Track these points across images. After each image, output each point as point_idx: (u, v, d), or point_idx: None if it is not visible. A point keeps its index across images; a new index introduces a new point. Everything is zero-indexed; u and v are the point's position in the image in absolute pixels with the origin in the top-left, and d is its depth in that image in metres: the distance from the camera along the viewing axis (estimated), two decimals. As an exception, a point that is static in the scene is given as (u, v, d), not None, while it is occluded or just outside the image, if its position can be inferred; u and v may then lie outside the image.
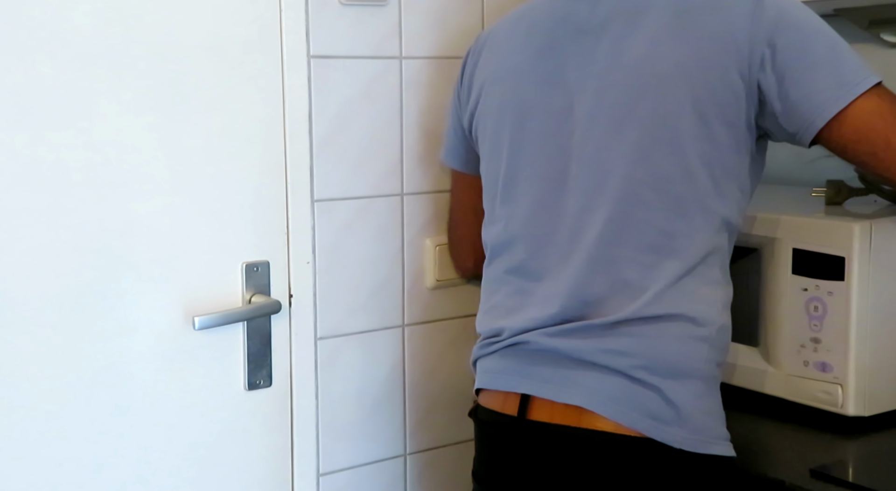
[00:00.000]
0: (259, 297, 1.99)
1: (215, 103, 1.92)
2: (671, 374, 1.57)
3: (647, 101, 1.60)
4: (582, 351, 1.61)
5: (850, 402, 1.76)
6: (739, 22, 1.55)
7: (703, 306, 1.59)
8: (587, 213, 1.64)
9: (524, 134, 1.75)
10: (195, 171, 1.91)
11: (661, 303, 1.57)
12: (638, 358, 1.57)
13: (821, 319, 1.78)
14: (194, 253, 1.93)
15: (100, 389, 1.85)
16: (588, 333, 1.61)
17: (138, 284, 1.87)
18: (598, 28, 1.68)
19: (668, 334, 1.58)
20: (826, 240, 1.77)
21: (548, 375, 1.63)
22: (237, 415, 2.00)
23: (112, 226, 1.84)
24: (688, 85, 1.57)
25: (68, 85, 1.78)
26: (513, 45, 1.82)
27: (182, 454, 1.95)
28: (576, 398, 1.60)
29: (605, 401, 1.58)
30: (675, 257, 1.58)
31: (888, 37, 2.17)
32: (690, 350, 1.58)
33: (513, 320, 1.71)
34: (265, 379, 2.01)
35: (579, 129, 1.67)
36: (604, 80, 1.65)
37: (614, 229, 1.61)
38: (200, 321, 1.89)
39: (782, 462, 1.68)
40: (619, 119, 1.62)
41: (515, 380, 1.68)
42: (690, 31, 1.59)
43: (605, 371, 1.59)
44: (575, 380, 1.61)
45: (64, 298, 1.80)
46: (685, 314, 1.58)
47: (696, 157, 1.57)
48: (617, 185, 1.61)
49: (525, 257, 1.73)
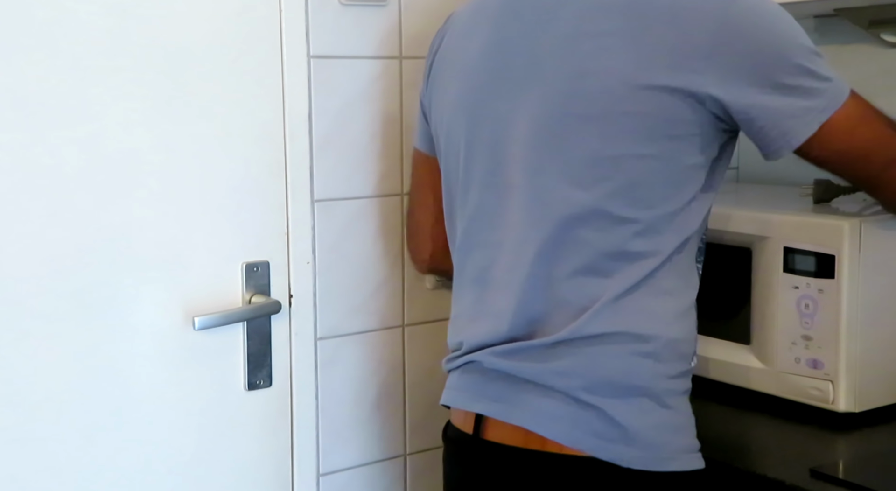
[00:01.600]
0: (259, 297, 2.01)
1: (215, 103, 1.95)
2: (613, 393, 1.55)
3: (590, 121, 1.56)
4: (526, 371, 1.60)
5: (841, 398, 1.78)
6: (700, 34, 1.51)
7: (648, 321, 1.56)
8: (529, 228, 1.62)
9: (476, 136, 1.71)
10: (195, 171, 1.94)
11: (599, 322, 1.55)
12: (578, 378, 1.56)
13: (812, 316, 1.80)
14: (194, 253, 1.95)
15: (100, 389, 1.88)
16: (531, 353, 1.60)
17: (138, 284, 1.90)
18: (546, 21, 1.63)
19: (609, 353, 1.55)
20: (816, 238, 1.79)
21: (498, 394, 1.63)
22: (237, 415, 2.03)
23: (112, 226, 1.86)
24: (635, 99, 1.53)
25: (67, 85, 1.80)
26: (470, 32, 1.76)
27: (182, 454, 1.97)
28: (522, 419, 1.59)
29: (549, 421, 1.57)
30: (617, 275, 1.56)
31: (888, 37, 2.18)
32: (633, 367, 1.56)
33: (469, 333, 1.70)
34: (265, 379, 2.04)
35: (523, 136, 1.63)
36: (550, 87, 1.60)
37: (552, 248, 1.59)
38: (200, 321, 1.92)
39: (778, 460, 1.69)
40: (560, 135, 1.59)
41: (471, 398, 1.68)
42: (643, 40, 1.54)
43: (548, 392, 1.57)
44: (522, 400, 1.60)
45: (64, 298, 1.83)
46: (627, 331, 1.55)
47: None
48: (557, 203, 1.59)
49: (484, 265, 1.70)
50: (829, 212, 1.92)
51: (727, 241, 1.94)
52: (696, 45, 1.50)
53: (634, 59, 1.52)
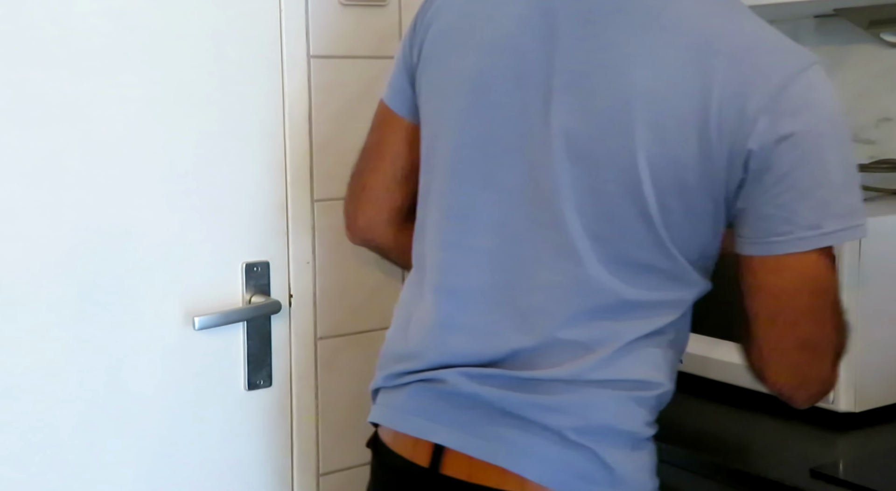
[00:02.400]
0: (259, 297, 2.03)
1: (215, 103, 1.97)
2: (607, 434, 1.44)
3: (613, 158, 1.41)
4: (509, 402, 1.44)
5: (842, 398, 1.78)
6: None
7: (652, 370, 1.47)
8: (544, 250, 1.47)
9: (495, 128, 1.51)
10: (195, 171, 1.96)
11: (609, 368, 1.44)
12: (572, 418, 1.43)
13: None
14: (194, 253, 1.97)
15: (100, 389, 1.89)
16: (515, 383, 1.45)
17: (139, 284, 1.91)
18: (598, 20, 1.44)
19: (610, 397, 1.44)
20: None
21: (466, 424, 1.46)
22: (237, 415, 2.05)
23: (112, 226, 1.88)
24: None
25: (67, 85, 1.82)
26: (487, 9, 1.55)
27: (182, 454, 1.99)
28: (499, 456, 1.43)
29: (533, 461, 1.42)
30: (632, 321, 1.45)
31: (888, 37, 2.18)
32: (630, 413, 1.46)
33: (432, 345, 1.53)
34: (265, 379, 2.06)
35: (542, 152, 1.46)
36: (587, 104, 1.42)
37: (570, 283, 1.45)
38: (200, 321, 1.94)
39: (778, 460, 1.68)
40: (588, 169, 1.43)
41: (428, 425, 1.49)
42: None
43: (533, 427, 1.43)
44: (499, 434, 1.44)
45: (64, 298, 1.84)
46: (632, 379, 1.45)
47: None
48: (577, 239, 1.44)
49: (465, 273, 1.53)
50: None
51: (727, 241, 1.95)
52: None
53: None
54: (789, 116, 1.35)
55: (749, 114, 1.35)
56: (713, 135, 1.36)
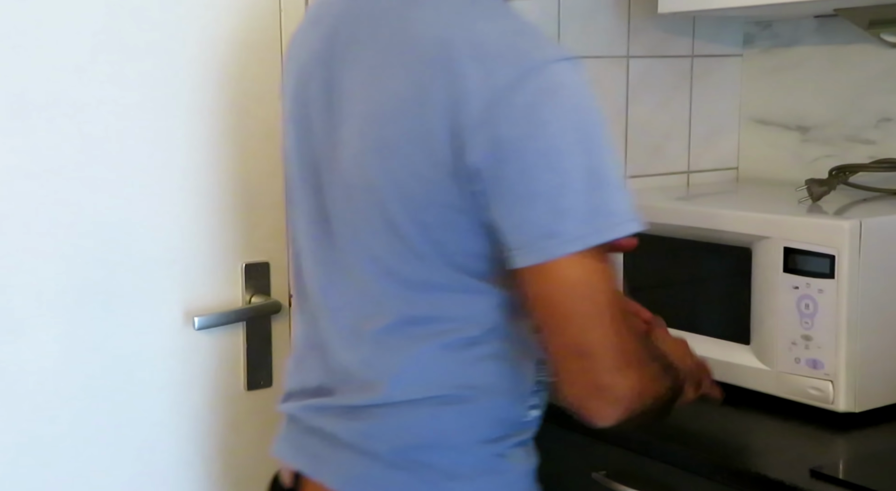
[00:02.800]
0: (259, 297, 2.04)
1: (215, 103, 1.98)
2: (429, 452, 1.46)
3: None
4: (338, 430, 1.50)
5: (841, 398, 1.79)
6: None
7: (470, 380, 1.46)
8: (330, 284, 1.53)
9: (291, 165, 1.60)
10: (195, 171, 1.97)
11: (410, 387, 1.45)
12: (388, 442, 1.46)
13: (812, 316, 1.81)
14: (195, 253, 1.98)
15: (100, 389, 1.91)
16: (339, 412, 1.51)
17: (139, 284, 1.93)
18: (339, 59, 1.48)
19: (422, 414, 1.46)
20: (816, 238, 1.80)
21: (314, 450, 1.54)
22: (237, 415, 2.06)
23: (112, 226, 1.89)
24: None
25: (67, 85, 1.83)
26: (299, 52, 1.59)
27: (182, 454, 2.01)
28: (335, 479, 1.50)
29: (359, 484, 1.48)
30: (433, 339, 1.45)
31: (888, 37, 2.19)
32: (442, 428, 1.46)
33: (292, 375, 1.64)
34: (265, 379, 2.07)
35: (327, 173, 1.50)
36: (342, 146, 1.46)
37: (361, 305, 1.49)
38: (200, 321, 1.95)
39: (778, 460, 1.69)
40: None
41: (290, 451, 1.59)
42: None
43: (358, 452, 1.48)
44: (335, 458, 1.50)
45: (64, 298, 1.86)
46: (447, 394, 1.45)
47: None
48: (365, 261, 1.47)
49: (313, 298, 1.58)
50: (829, 212, 1.94)
51: (727, 241, 1.95)
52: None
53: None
54: (507, 122, 1.30)
55: (468, 122, 1.31)
56: (438, 145, 1.33)
